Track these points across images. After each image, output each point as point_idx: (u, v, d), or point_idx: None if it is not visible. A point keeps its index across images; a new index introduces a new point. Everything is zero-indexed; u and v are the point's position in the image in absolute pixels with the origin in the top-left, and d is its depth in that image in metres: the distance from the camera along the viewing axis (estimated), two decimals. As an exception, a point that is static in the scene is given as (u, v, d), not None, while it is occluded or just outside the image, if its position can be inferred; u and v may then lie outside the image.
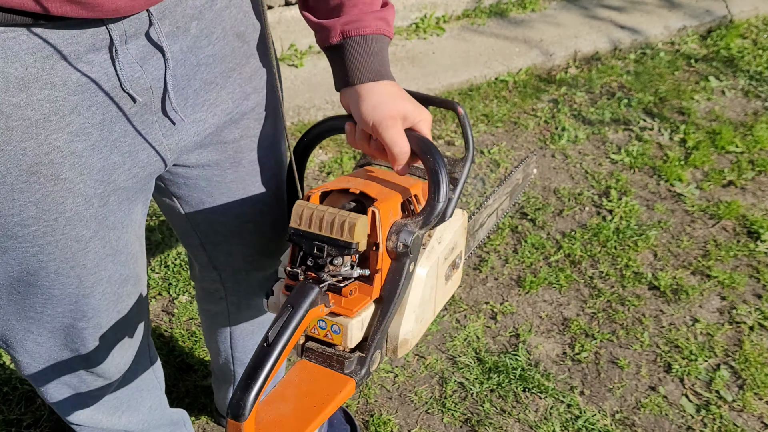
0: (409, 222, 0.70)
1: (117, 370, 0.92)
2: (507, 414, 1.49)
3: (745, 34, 3.03)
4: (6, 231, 0.67)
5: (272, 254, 1.00)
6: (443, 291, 0.81)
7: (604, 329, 1.68)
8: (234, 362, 1.20)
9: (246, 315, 1.12)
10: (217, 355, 1.21)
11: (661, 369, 1.59)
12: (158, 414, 1.08)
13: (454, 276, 0.84)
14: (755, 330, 1.69)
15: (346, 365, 0.68)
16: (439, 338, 1.64)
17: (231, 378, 1.24)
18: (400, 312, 0.72)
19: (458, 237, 0.81)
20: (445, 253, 0.78)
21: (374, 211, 0.68)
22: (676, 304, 1.75)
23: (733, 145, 2.32)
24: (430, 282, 0.75)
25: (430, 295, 0.77)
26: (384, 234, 0.69)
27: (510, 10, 3.07)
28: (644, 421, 1.48)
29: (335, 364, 0.69)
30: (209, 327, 1.17)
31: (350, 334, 0.68)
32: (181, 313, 1.68)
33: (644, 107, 2.51)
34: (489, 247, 1.89)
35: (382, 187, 0.73)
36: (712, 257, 1.88)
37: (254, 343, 1.18)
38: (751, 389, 1.54)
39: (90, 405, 0.95)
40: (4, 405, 1.47)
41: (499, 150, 2.26)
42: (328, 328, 0.69)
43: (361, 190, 0.71)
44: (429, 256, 0.75)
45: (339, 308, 0.68)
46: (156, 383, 1.07)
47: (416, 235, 0.69)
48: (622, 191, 2.10)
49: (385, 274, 0.70)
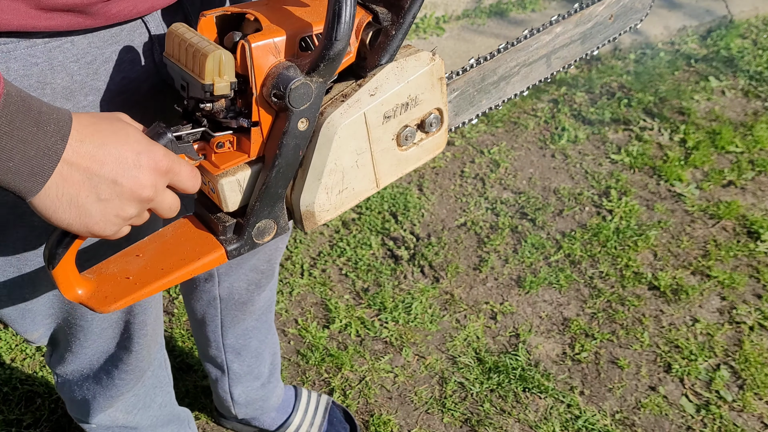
0: (293, 65, 0.56)
1: (147, 365, 0.94)
2: (507, 414, 1.49)
3: (745, 34, 3.03)
4: None
5: None
6: (393, 158, 0.66)
7: (604, 329, 1.68)
8: (225, 350, 1.20)
9: (237, 302, 1.12)
10: (208, 346, 1.21)
11: (661, 369, 1.60)
12: (167, 410, 1.09)
13: (425, 141, 0.68)
14: (755, 330, 1.69)
15: (221, 230, 0.61)
16: (439, 338, 1.64)
17: (224, 368, 1.24)
18: (302, 177, 0.61)
19: (421, 89, 0.64)
20: (385, 109, 0.62)
21: (244, 45, 0.54)
22: (676, 304, 1.75)
23: (733, 145, 2.32)
24: (349, 144, 0.61)
25: (357, 161, 0.63)
26: (258, 77, 0.56)
27: (510, 10, 3.07)
28: (644, 421, 1.48)
29: (213, 226, 0.62)
30: (198, 318, 1.17)
31: (223, 195, 0.60)
32: (181, 313, 1.68)
33: (644, 107, 2.51)
34: (489, 246, 1.89)
35: (286, 16, 0.58)
36: (712, 257, 1.88)
37: (246, 328, 1.18)
38: (751, 389, 1.54)
39: (113, 405, 0.97)
40: (4, 405, 1.47)
41: (499, 150, 2.26)
42: (208, 186, 0.61)
43: (256, 16, 0.57)
44: (347, 112, 0.60)
45: (206, 163, 0.59)
46: (167, 380, 1.08)
47: (300, 82, 0.55)
48: (622, 191, 2.10)
49: (267, 129, 0.58)
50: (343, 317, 1.68)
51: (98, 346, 0.86)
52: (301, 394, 1.42)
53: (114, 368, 0.90)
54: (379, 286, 1.76)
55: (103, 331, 0.83)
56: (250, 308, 1.15)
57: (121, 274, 0.60)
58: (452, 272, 1.81)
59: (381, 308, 1.70)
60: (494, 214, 2.00)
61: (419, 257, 1.85)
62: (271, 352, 1.28)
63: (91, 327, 0.81)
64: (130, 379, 0.93)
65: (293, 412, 1.39)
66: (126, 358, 0.89)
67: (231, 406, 1.31)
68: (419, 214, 1.99)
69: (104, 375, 0.91)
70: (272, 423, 1.38)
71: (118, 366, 0.90)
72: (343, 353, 1.59)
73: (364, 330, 1.66)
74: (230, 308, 1.13)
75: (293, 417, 1.38)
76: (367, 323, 1.67)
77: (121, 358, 0.89)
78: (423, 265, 1.83)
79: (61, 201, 0.50)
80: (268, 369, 1.28)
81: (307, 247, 1.87)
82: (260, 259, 1.07)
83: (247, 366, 1.24)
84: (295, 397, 1.41)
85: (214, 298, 1.11)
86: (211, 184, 0.60)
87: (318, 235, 1.92)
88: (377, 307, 1.71)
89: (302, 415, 1.39)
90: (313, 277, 1.78)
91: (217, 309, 1.13)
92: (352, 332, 1.65)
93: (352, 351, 1.60)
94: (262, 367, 1.26)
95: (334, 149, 0.61)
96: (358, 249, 1.86)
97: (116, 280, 0.59)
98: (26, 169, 0.47)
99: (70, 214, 0.51)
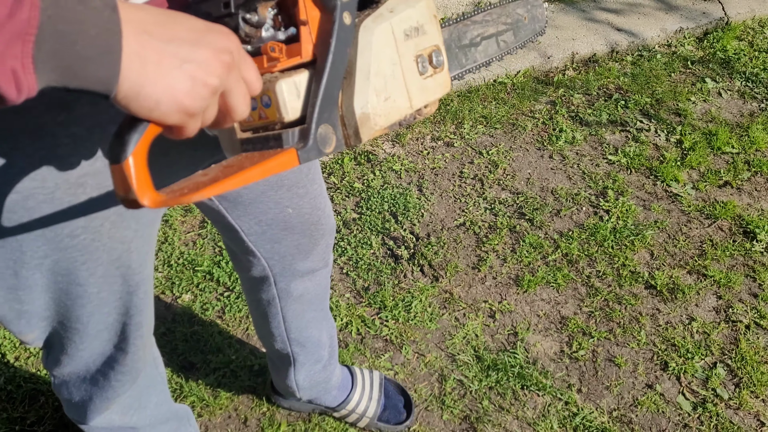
0: None
1: (142, 365, 0.94)
2: (506, 411, 1.50)
3: (741, 36, 3.05)
4: (56, 244, 0.68)
5: (313, 236, 1.03)
6: (418, 82, 0.68)
7: (601, 328, 1.70)
8: (291, 343, 1.23)
9: (296, 297, 1.14)
10: (273, 341, 1.23)
11: (658, 367, 1.61)
12: (164, 409, 1.10)
13: (436, 76, 0.71)
14: (751, 329, 1.71)
15: (284, 139, 0.57)
16: (438, 336, 1.66)
17: (290, 359, 1.27)
18: (350, 83, 0.62)
19: (424, 19, 0.68)
20: (404, 27, 0.65)
21: None
22: (673, 303, 1.77)
23: (729, 146, 2.34)
24: (385, 50, 0.63)
25: (393, 72, 0.65)
26: None
27: (508, 12, 3.09)
28: (641, 419, 1.50)
29: (273, 143, 0.58)
30: (261, 315, 1.18)
31: (282, 99, 0.57)
32: (184, 313, 1.69)
33: (641, 109, 2.53)
34: (488, 246, 1.90)
35: None
36: (708, 257, 1.90)
37: (306, 320, 1.20)
38: (747, 387, 1.56)
39: (109, 407, 0.97)
40: (8, 403, 1.49)
41: (497, 151, 2.28)
42: (259, 104, 0.59)
43: None
44: (376, 20, 0.63)
45: (262, 69, 0.57)
46: (160, 378, 1.09)
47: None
48: (619, 192, 2.12)
49: (315, 29, 0.58)
50: (343, 316, 1.69)
51: (94, 348, 0.85)
52: (355, 372, 1.47)
53: (110, 369, 0.90)
54: (380, 285, 1.78)
55: (98, 333, 0.83)
56: (308, 299, 1.16)
57: (192, 179, 0.55)
58: (451, 271, 1.83)
59: (381, 307, 1.72)
60: (493, 214, 2.02)
61: (419, 257, 1.86)
62: (329, 336, 1.30)
63: (86, 329, 0.81)
64: (126, 380, 0.93)
65: (352, 388, 1.44)
66: (122, 359, 0.89)
67: (296, 390, 1.34)
68: (419, 214, 2.00)
69: (100, 376, 0.91)
70: (334, 401, 1.42)
71: (114, 367, 0.90)
72: (343, 351, 1.61)
73: (364, 328, 1.67)
74: (289, 304, 1.14)
75: (353, 393, 1.43)
76: (368, 321, 1.68)
77: (117, 360, 0.89)
78: (423, 264, 1.85)
79: (147, 73, 0.46)
80: (328, 352, 1.31)
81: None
82: (313, 259, 1.08)
83: (310, 354, 1.27)
84: (351, 374, 1.46)
85: (273, 297, 1.12)
86: (266, 95, 0.58)
87: (318, 235, 1.93)
88: (377, 306, 1.72)
89: (361, 391, 1.44)
90: (314, 277, 1.79)
91: (278, 307, 1.14)
92: (352, 330, 1.66)
93: (353, 349, 1.62)
94: (323, 351, 1.30)
95: (375, 52, 0.62)
96: (359, 248, 1.88)
97: (189, 182, 0.54)
98: (94, 51, 0.42)
99: (157, 87, 0.46)
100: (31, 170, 0.61)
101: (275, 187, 0.92)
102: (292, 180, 0.93)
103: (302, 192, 0.95)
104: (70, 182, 0.64)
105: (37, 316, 0.77)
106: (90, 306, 0.77)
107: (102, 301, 0.77)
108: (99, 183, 0.66)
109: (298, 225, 0.98)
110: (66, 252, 0.69)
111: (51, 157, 0.62)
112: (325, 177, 2.15)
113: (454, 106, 2.48)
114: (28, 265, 0.69)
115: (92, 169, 0.65)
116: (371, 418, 1.44)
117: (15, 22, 0.39)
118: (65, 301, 0.75)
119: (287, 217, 0.96)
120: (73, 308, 0.76)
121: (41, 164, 0.61)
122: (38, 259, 0.68)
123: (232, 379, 1.55)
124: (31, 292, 0.73)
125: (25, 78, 0.41)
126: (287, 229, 0.98)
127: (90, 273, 0.73)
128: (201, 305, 1.71)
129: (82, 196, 0.66)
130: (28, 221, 0.64)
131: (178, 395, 1.51)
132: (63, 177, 0.63)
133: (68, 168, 0.63)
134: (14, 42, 0.39)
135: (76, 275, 0.72)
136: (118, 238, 0.73)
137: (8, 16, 0.38)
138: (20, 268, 0.69)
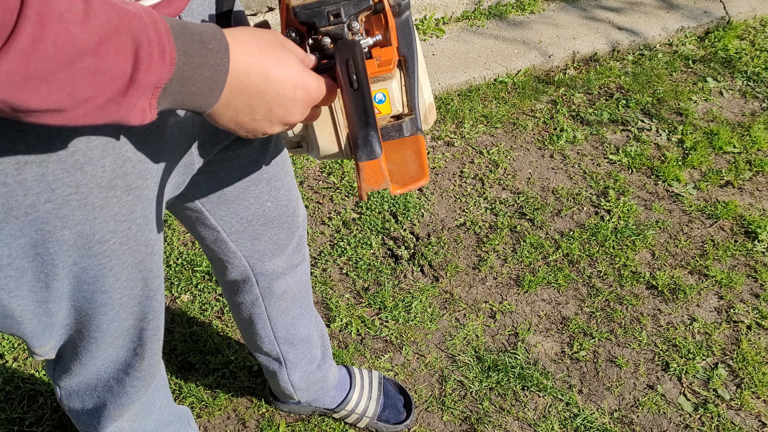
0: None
1: (157, 370, 0.94)
2: (506, 412, 1.50)
3: (742, 36, 3.05)
4: (86, 251, 0.67)
5: (290, 228, 1.04)
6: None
7: (602, 328, 1.69)
8: (278, 342, 1.23)
9: (278, 294, 1.14)
10: (261, 344, 1.23)
11: (659, 368, 1.61)
12: (167, 412, 1.10)
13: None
14: (753, 329, 1.70)
15: (404, 129, 0.68)
16: (438, 337, 1.65)
17: (281, 360, 1.27)
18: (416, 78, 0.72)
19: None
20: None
21: None
22: (674, 303, 1.76)
23: (730, 145, 2.33)
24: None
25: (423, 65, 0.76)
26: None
27: (509, 11, 3.08)
28: (642, 420, 1.49)
29: (395, 133, 0.69)
30: (246, 318, 1.18)
31: (395, 95, 0.68)
32: (182, 313, 1.69)
33: (642, 108, 2.52)
34: (488, 246, 1.90)
35: None
36: (709, 257, 1.89)
37: (292, 317, 1.20)
38: (748, 388, 1.56)
39: (123, 414, 0.96)
40: (7, 404, 1.48)
41: (498, 150, 2.27)
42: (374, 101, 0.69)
43: None
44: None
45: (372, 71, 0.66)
46: (163, 381, 1.08)
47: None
48: (620, 191, 2.12)
49: (394, 33, 0.68)
50: (343, 316, 1.69)
51: (108, 355, 0.84)
52: (354, 371, 1.47)
53: (125, 375, 0.89)
54: (380, 285, 1.77)
55: (114, 339, 0.82)
56: (291, 295, 1.16)
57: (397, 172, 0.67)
58: (452, 272, 1.82)
59: (381, 307, 1.71)
60: (493, 214, 2.01)
61: (419, 257, 1.86)
62: (319, 334, 1.31)
63: (104, 336, 0.80)
64: (141, 385, 0.92)
65: (351, 388, 1.43)
66: (138, 364, 0.88)
67: (293, 392, 1.34)
68: (419, 214, 2.00)
69: (115, 383, 0.90)
70: (332, 401, 1.42)
71: (130, 373, 0.89)
72: (343, 352, 1.60)
73: (364, 329, 1.67)
74: (273, 302, 1.14)
75: (351, 393, 1.43)
76: (368, 322, 1.68)
77: (133, 365, 0.88)
78: (423, 264, 1.84)
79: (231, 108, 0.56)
80: (320, 351, 1.31)
81: (308, 246, 1.88)
82: (291, 253, 1.09)
83: (301, 352, 1.26)
84: (349, 374, 1.46)
85: (257, 297, 1.12)
86: (380, 92, 0.67)
87: (319, 234, 1.93)
88: (377, 306, 1.72)
89: (359, 391, 1.44)
90: (314, 277, 1.79)
91: (262, 307, 1.15)
92: (352, 331, 1.66)
93: (353, 349, 1.61)
94: (315, 350, 1.30)
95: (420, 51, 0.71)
96: (359, 248, 1.87)
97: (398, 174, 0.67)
98: (206, 89, 0.52)
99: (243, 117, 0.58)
100: (66, 177, 0.61)
101: (255, 182, 0.93)
102: (270, 174, 0.94)
103: (279, 185, 0.97)
104: (101, 186, 0.64)
105: (58, 324, 0.75)
106: (111, 313, 0.76)
107: (122, 306, 0.77)
108: (128, 185, 0.67)
109: (277, 218, 1.00)
110: (95, 259, 0.69)
111: (84, 162, 0.61)
112: (325, 177, 2.14)
113: (454, 106, 2.47)
114: (59, 275, 0.68)
115: (121, 171, 0.65)
116: (371, 418, 1.43)
117: (153, 76, 0.48)
118: (87, 309, 0.74)
119: (267, 211, 0.98)
120: (95, 316, 0.75)
121: (75, 169, 0.61)
122: (67, 268, 0.67)
123: (231, 379, 1.54)
124: (59, 303, 0.72)
125: (150, 112, 0.50)
126: (267, 224, 0.99)
127: (116, 279, 0.72)
128: (200, 306, 1.70)
129: (112, 200, 0.66)
130: (61, 232, 0.64)
131: (177, 396, 1.51)
132: (95, 181, 0.63)
133: (100, 171, 0.63)
134: (149, 90, 0.48)
135: (102, 282, 0.71)
136: (144, 241, 0.73)
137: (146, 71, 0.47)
138: (52, 281, 0.68)
